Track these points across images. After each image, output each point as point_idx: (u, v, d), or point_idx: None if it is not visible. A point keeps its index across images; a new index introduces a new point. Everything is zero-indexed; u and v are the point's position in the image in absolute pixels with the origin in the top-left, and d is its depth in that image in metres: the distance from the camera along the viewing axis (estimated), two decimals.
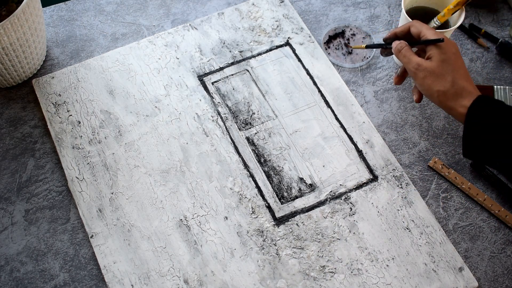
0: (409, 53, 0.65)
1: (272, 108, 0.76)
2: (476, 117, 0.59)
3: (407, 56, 0.65)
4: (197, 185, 0.70)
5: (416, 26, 0.67)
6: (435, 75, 0.62)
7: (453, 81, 0.62)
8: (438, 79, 0.62)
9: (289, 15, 0.84)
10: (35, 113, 0.76)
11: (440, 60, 0.62)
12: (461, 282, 0.65)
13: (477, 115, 0.59)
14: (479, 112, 0.59)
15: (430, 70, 0.62)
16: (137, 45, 0.81)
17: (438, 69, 0.62)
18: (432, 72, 0.62)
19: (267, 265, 0.65)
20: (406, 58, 0.65)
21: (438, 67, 0.62)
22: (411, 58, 0.64)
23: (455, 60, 0.63)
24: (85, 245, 0.67)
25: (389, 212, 0.69)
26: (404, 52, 0.65)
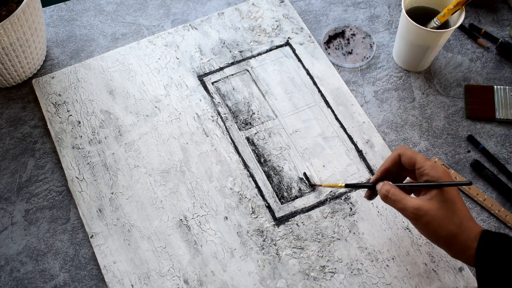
0: (400, 196, 0.56)
1: (272, 108, 0.76)
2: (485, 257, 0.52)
3: (399, 200, 0.56)
4: (197, 185, 0.70)
5: (406, 155, 0.58)
6: (440, 218, 0.54)
7: (460, 223, 0.54)
8: (444, 223, 0.54)
9: (289, 15, 0.84)
10: (35, 113, 0.76)
11: (442, 201, 0.54)
12: (461, 282, 0.65)
13: (486, 255, 0.52)
14: (487, 253, 0.52)
15: (433, 213, 0.54)
16: (137, 45, 0.81)
17: (442, 212, 0.54)
18: (436, 215, 0.54)
19: (267, 265, 0.65)
20: (399, 204, 0.56)
21: (442, 208, 0.54)
22: (405, 203, 0.55)
23: (458, 199, 0.55)
24: (85, 245, 0.67)
25: (389, 212, 0.69)
26: (394, 197, 0.56)
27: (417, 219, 0.55)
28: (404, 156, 0.58)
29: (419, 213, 0.54)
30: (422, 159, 0.57)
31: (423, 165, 0.56)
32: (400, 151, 0.59)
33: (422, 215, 0.54)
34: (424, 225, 0.55)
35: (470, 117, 0.77)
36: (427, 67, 0.81)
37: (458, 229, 0.54)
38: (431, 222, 0.54)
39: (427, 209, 0.54)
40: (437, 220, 0.54)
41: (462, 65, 0.82)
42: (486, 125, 0.76)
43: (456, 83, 0.80)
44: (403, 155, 0.58)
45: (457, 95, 0.79)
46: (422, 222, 0.54)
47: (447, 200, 0.54)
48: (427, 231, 0.55)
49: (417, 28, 0.72)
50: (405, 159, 0.58)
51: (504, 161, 0.74)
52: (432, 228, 0.54)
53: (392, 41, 0.84)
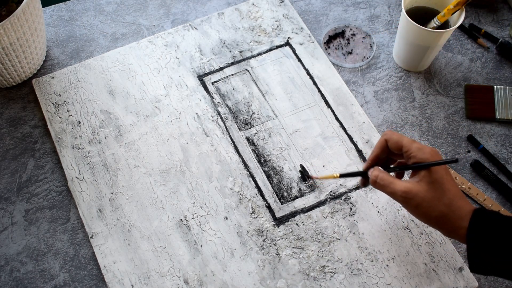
0: (388, 181, 0.56)
1: (272, 108, 0.76)
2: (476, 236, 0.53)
3: (387, 185, 0.56)
4: (197, 185, 0.70)
5: (393, 139, 0.58)
6: (430, 200, 0.54)
7: (450, 203, 0.54)
8: (434, 204, 0.54)
9: (289, 15, 0.84)
10: (35, 113, 0.76)
11: (431, 182, 0.54)
12: (461, 282, 0.65)
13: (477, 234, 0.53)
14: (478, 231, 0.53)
15: (422, 195, 0.54)
16: (137, 45, 0.81)
17: (431, 193, 0.54)
18: (425, 197, 0.54)
19: (267, 265, 0.65)
20: (388, 188, 0.56)
21: (431, 190, 0.54)
22: (394, 186, 0.56)
23: (446, 179, 0.55)
24: (85, 245, 0.67)
25: (389, 212, 0.69)
26: (382, 182, 0.57)
27: (406, 202, 0.55)
28: (391, 141, 0.58)
29: (408, 196, 0.55)
30: (409, 142, 0.57)
31: (410, 148, 0.57)
32: (387, 136, 0.59)
33: (411, 198, 0.54)
34: (414, 207, 0.55)
35: (470, 117, 0.77)
36: (427, 67, 0.81)
37: (448, 209, 0.54)
38: (421, 204, 0.54)
39: (416, 191, 0.54)
40: (427, 202, 0.54)
41: (462, 65, 0.82)
42: (486, 125, 0.76)
43: (456, 83, 0.80)
44: (389, 140, 0.59)
45: (457, 95, 0.79)
46: (412, 205, 0.55)
47: (435, 181, 0.54)
48: (418, 213, 0.55)
49: (417, 28, 0.72)
50: (392, 144, 0.58)
51: (504, 161, 0.74)
52: (422, 210, 0.54)
53: (392, 41, 0.84)
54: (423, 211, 0.55)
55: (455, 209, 0.54)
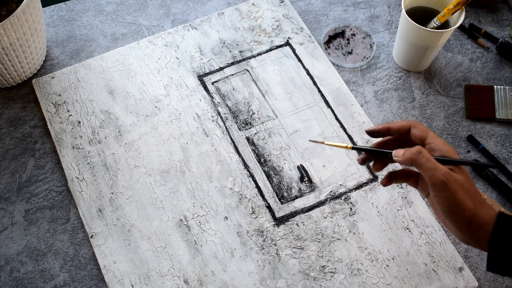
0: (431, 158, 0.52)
1: (272, 108, 0.76)
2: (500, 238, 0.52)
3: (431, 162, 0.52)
4: (197, 185, 0.70)
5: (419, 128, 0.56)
6: (467, 189, 0.52)
7: (481, 200, 0.52)
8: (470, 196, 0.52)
9: (289, 15, 0.84)
10: (35, 113, 0.76)
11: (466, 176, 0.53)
12: (461, 282, 0.65)
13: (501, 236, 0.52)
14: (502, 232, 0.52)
15: (461, 182, 0.51)
16: (137, 45, 0.81)
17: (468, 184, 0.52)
18: (464, 185, 0.51)
19: (267, 265, 0.65)
20: (431, 164, 0.52)
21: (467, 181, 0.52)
22: (437, 165, 0.52)
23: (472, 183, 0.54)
24: (85, 245, 0.67)
25: (389, 212, 0.69)
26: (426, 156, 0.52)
27: (447, 184, 0.51)
28: (417, 129, 0.56)
29: (449, 178, 0.51)
30: (435, 135, 0.55)
31: (435, 141, 0.55)
32: (412, 123, 0.57)
33: (452, 181, 0.51)
34: (452, 192, 0.51)
35: (470, 117, 0.77)
36: (427, 67, 0.81)
37: (480, 205, 0.52)
38: (459, 190, 0.51)
39: (456, 176, 0.52)
40: (464, 190, 0.51)
41: (462, 65, 0.82)
42: (486, 125, 0.76)
43: (456, 83, 0.80)
44: (415, 126, 0.56)
45: (457, 95, 0.79)
46: (450, 189, 0.51)
47: (468, 177, 0.53)
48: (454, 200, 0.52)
49: (417, 28, 0.72)
50: (417, 132, 0.56)
51: (504, 161, 0.74)
52: (460, 196, 0.51)
53: (392, 41, 0.84)
54: (460, 198, 0.51)
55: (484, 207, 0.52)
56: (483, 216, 0.52)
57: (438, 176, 0.51)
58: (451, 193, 0.51)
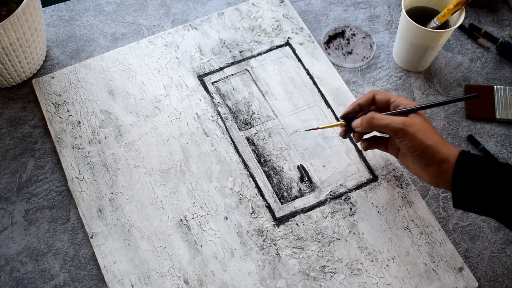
0: (384, 116, 0.60)
1: (272, 108, 0.76)
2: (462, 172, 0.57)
3: (385, 118, 0.60)
4: (197, 185, 0.70)
5: (381, 93, 0.64)
6: (426, 129, 0.59)
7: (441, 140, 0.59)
8: (430, 133, 0.59)
9: (289, 15, 0.84)
10: (35, 113, 0.76)
11: (422, 120, 0.60)
12: (461, 282, 0.65)
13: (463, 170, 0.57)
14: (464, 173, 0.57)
15: (419, 124, 0.59)
16: (137, 45, 0.81)
17: (426, 125, 0.59)
18: (422, 126, 0.59)
19: (267, 265, 0.65)
20: (385, 120, 0.60)
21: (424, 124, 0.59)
22: (391, 118, 0.60)
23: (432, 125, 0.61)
24: (85, 245, 0.67)
25: (389, 212, 0.69)
26: (378, 117, 0.60)
27: (405, 130, 0.58)
28: (379, 94, 0.64)
29: (406, 123, 0.59)
30: (396, 96, 0.63)
31: (397, 99, 0.62)
32: (374, 91, 0.64)
33: (410, 125, 0.58)
34: (412, 134, 0.58)
35: (470, 117, 0.77)
36: (427, 67, 0.81)
37: (441, 141, 0.59)
38: (418, 131, 0.58)
39: (412, 121, 0.59)
40: (423, 131, 0.58)
41: (462, 65, 0.82)
42: (486, 125, 0.77)
43: (456, 83, 0.80)
44: (377, 93, 0.64)
45: (457, 95, 0.79)
46: (410, 131, 0.58)
47: (426, 120, 0.60)
48: (415, 140, 0.58)
49: (417, 28, 0.72)
50: (380, 97, 0.63)
51: (504, 161, 0.74)
52: (419, 136, 0.58)
53: (392, 41, 0.84)
54: (420, 138, 0.58)
55: (446, 144, 0.59)
56: (446, 152, 0.58)
57: (396, 125, 0.59)
58: (411, 135, 0.58)
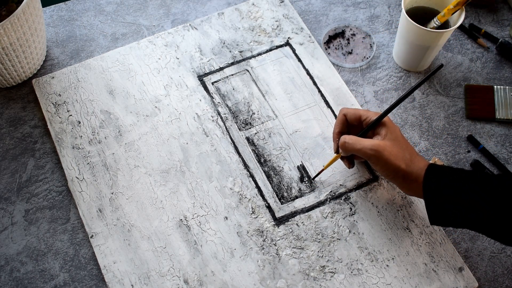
0: (356, 139, 0.63)
1: (272, 108, 0.76)
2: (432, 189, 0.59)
3: (356, 142, 0.62)
4: (197, 185, 0.70)
5: (350, 112, 0.65)
6: (397, 152, 0.61)
7: (411, 156, 0.62)
8: (401, 156, 0.61)
9: (289, 15, 0.84)
10: (35, 113, 0.76)
11: (393, 139, 0.62)
12: (461, 282, 0.65)
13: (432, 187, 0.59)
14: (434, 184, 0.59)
15: (390, 149, 0.61)
16: (137, 45, 0.81)
17: (397, 147, 0.61)
18: (393, 150, 0.61)
19: (267, 265, 0.65)
20: (357, 145, 0.62)
21: (395, 145, 0.61)
22: (364, 142, 0.62)
23: (403, 138, 0.63)
24: (85, 245, 0.67)
25: (389, 212, 0.69)
26: (351, 141, 0.63)
27: (377, 156, 0.61)
28: (349, 114, 0.66)
29: (378, 148, 0.61)
30: (365, 111, 0.65)
31: (367, 115, 0.65)
32: (344, 111, 0.66)
33: (381, 150, 0.61)
34: (384, 160, 0.61)
35: (470, 117, 0.77)
36: (427, 67, 0.81)
37: (410, 161, 0.61)
38: (390, 156, 0.61)
39: (383, 145, 0.61)
40: (394, 155, 0.61)
41: (462, 65, 0.82)
42: (486, 125, 0.77)
43: (456, 83, 0.80)
44: (347, 113, 0.66)
45: (457, 95, 0.79)
46: (383, 158, 0.61)
47: (396, 138, 0.62)
48: (387, 166, 0.61)
49: (417, 28, 0.72)
50: (351, 116, 0.66)
51: (504, 161, 0.74)
52: (392, 162, 0.60)
53: (392, 41, 0.84)
54: (392, 163, 0.60)
55: (415, 161, 0.61)
56: (416, 171, 0.60)
57: (368, 152, 0.61)
58: (384, 161, 0.61)
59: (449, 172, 0.59)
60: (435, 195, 0.59)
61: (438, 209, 0.59)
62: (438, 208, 0.59)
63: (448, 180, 0.58)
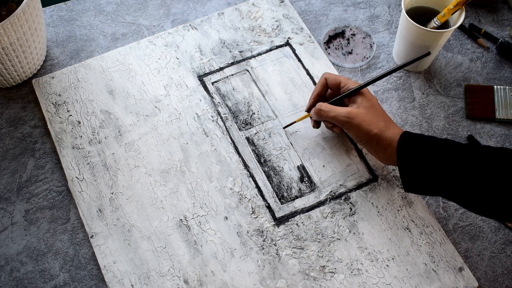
0: (331, 107, 0.65)
1: (272, 108, 0.76)
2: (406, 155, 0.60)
3: (331, 109, 0.65)
4: (197, 185, 0.70)
5: (331, 77, 0.68)
6: (370, 119, 0.63)
7: (386, 123, 0.63)
8: (373, 123, 0.63)
9: (289, 15, 0.84)
10: (35, 113, 0.76)
11: (368, 107, 0.64)
12: (461, 282, 0.65)
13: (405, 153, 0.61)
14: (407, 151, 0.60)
15: (363, 115, 0.63)
16: (137, 45, 0.81)
17: (370, 114, 0.64)
18: (366, 116, 0.63)
19: (267, 265, 0.65)
20: (332, 112, 0.65)
21: (369, 112, 0.64)
22: (338, 110, 0.65)
23: (379, 106, 0.66)
24: (85, 245, 0.67)
25: (389, 212, 0.69)
26: (326, 108, 0.66)
27: (350, 122, 0.63)
28: (330, 79, 0.68)
29: (350, 115, 0.63)
30: (346, 79, 0.68)
31: (347, 82, 0.67)
32: (326, 75, 0.69)
33: (353, 117, 0.63)
34: (356, 126, 0.63)
35: (470, 117, 0.77)
36: (427, 67, 0.81)
37: (385, 127, 0.63)
38: (362, 122, 0.63)
39: (356, 112, 0.64)
40: (367, 121, 0.63)
41: (462, 65, 0.82)
42: (486, 125, 0.77)
43: (456, 83, 0.80)
44: (328, 78, 0.69)
45: (457, 95, 0.79)
46: (355, 123, 0.63)
47: (371, 106, 0.64)
48: (360, 131, 0.63)
49: (417, 28, 0.72)
50: (331, 81, 0.68)
51: None
52: (364, 127, 0.63)
53: (392, 41, 0.84)
54: (365, 128, 0.63)
55: (390, 127, 0.63)
56: (389, 136, 0.62)
57: (341, 118, 0.64)
58: (356, 126, 0.63)
59: (422, 139, 0.61)
60: (409, 161, 0.60)
61: (412, 175, 0.60)
62: (411, 175, 0.60)
63: (422, 146, 0.60)
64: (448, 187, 0.59)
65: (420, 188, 0.61)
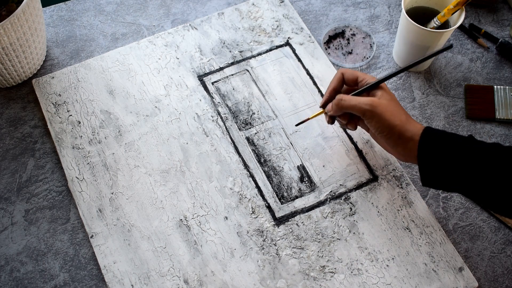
0: (352, 97, 0.63)
1: (272, 108, 0.76)
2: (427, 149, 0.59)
3: (353, 100, 0.63)
4: (197, 185, 0.70)
5: (349, 72, 0.67)
6: (392, 109, 0.62)
7: (407, 116, 0.62)
8: (396, 114, 0.62)
9: (289, 15, 0.84)
10: (35, 113, 0.76)
11: (389, 99, 0.63)
12: (461, 282, 0.65)
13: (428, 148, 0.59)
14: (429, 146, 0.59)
15: (385, 105, 0.62)
16: (137, 45, 0.81)
17: (392, 105, 0.62)
18: (389, 106, 0.62)
19: (267, 265, 0.65)
20: (353, 101, 0.63)
21: (391, 103, 0.62)
22: (358, 99, 0.63)
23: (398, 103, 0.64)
24: (85, 245, 0.67)
25: (389, 212, 0.69)
26: (347, 98, 0.64)
27: (373, 111, 0.61)
28: (347, 73, 0.67)
29: (374, 103, 0.61)
30: (363, 73, 0.66)
31: (364, 77, 0.66)
32: (342, 70, 0.67)
33: (377, 105, 0.61)
34: (379, 114, 0.61)
35: (470, 117, 0.77)
36: (427, 67, 0.81)
37: (406, 120, 0.61)
38: (385, 112, 0.61)
39: (379, 102, 0.62)
40: (390, 111, 0.61)
41: (462, 65, 0.82)
42: (486, 125, 0.77)
43: (456, 83, 0.80)
44: (345, 72, 0.67)
45: (457, 95, 0.79)
46: (378, 112, 0.61)
47: (392, 99, 0.63)
48: (382, 121, 0.61)
49: (417, 28, 0.72)
50: (348, 75, 0.67)
51: None
52: (387, 117, 0.61)
53: (392, 41, 0.84)
54: (387, 118, 0.61)
55: (411, 121, 0.61)
56: (411, 130, 0.60)
57: (363, 106, 0.62)
58: (378, 116, 0.61)
59: (446, 135, 0.59)
60: (430, 156, 0.59)
61: (431, 170, 0.59)
62: (431, 170, 0.59)
63: (445, 142, 0.59)
64: (469, 184, 0.58)
65: (439, 183, 0.60)
